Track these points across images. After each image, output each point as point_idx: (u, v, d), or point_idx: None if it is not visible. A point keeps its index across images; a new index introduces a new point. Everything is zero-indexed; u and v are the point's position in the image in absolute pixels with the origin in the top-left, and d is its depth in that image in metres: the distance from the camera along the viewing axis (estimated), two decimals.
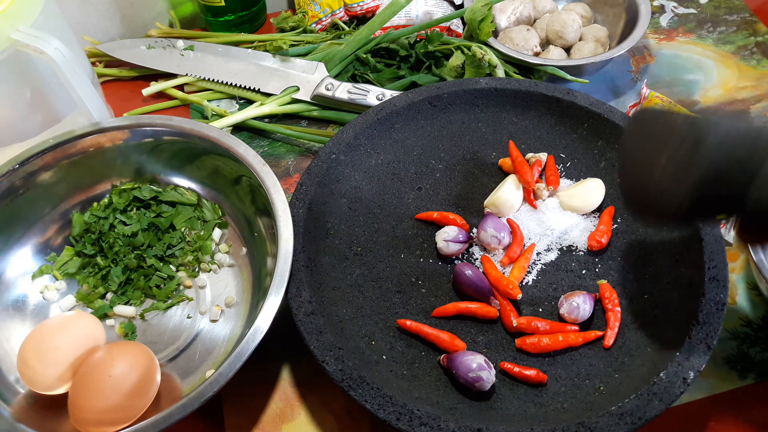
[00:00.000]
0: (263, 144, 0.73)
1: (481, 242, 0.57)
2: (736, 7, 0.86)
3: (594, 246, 0.57)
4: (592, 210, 0.59)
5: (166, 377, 0.53)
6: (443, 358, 0.50)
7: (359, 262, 0.57)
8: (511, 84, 0.65)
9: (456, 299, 0.55)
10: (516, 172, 0.60)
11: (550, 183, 0.61)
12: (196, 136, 0.60)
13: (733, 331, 0.57)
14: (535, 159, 0.62)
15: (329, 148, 0.60)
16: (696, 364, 0.46)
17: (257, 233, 0.59)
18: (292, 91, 0.74)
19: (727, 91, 0.76)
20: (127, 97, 0.78)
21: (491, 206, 0.60)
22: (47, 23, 0.59)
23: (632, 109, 0.70)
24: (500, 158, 0.64)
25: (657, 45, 0.82)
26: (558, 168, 0.63)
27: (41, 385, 0.50)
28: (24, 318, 0.57)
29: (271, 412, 0.54)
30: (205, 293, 0.59)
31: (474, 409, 0.48)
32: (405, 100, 0.64)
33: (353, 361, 0.48)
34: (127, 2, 0.81)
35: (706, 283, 0.50)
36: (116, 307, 0.58)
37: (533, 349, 0.51)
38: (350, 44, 0.75)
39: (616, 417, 0.44)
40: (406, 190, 0.62)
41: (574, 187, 0.60)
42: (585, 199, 0.59)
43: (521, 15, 0.80)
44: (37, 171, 0.59)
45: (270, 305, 0.49)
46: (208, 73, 0.76)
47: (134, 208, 0.63)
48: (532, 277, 0.56)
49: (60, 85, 0.59)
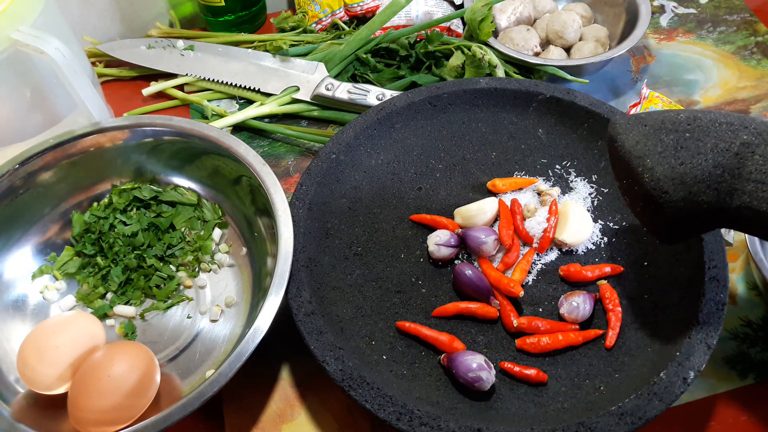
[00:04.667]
0: (263, 144, 0.73)
1: (471, 250, 0.57)
2: (736, 7, 0.86)
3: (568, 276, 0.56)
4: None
5: (166, 377, 0.53)
6: (443, 357, 0.50)
7: (359, 262, 0.57)
8: (511, 84, 0.65)
9: (456, 299, 0.55)
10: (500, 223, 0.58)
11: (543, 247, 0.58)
12: (196, 136, 0.60)
13: (733, 331, 0.57)
14: (550, 199, 0.59)
15: (329, 148, 0.60)
16: (696, 364, 0.46)
17: (257, 233, 0.59)
18: (292, 91, 0.74)
19: (727, 91, 0.76)
20: (127, 97, 0.78)
21: (457, 216, 0.59)
22: (47, 23, 0.59)
23: (632, 110, 0.70)
24: (500, 158, 0.64)
25: (657, 45, 0.82)
26: (557, 168, 0.63)
27: (41, 385, 0.50)
28: (24, 318, 0.57)
29: (271, 412, 0.54)
30: (205, 293, 0.59)
31: (474, 409, 0.48)
32: (405, 100, 0.64)
33: (353, 361, 0.48)
34: (127, 2, 0.81)
35: (706, 283, 0.50)
36: (116, 307, 0.58)
37: (533, 348, 0.51)
38: (350, 44, 0.75)
39: (616, 417, 0.44)
40: (406, 190, 0.62)
41: (563, 224, 0.57)
42: (575, 233, 0.57)
43: (521, 15, 0.80)
44: (37, 171, 0.59)
45: (270, 305, 0.49)
46: (208, 73, 0.76)
47: (134, 208, 0.63)
48: (532, 277, 0.56)
49: (60, 85, 0.59)
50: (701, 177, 0.42)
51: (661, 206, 0.43)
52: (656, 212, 0.44)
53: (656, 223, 0.46)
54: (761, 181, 0.41)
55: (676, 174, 0.42)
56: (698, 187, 0.42)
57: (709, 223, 0.44)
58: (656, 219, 0.45)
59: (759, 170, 0.41)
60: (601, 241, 0.58)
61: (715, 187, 0.42)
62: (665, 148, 0.43)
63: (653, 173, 0.43)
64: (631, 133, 0.45)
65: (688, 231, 0.45)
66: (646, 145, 0.44)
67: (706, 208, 0.43)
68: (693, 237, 0.47)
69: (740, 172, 0.42)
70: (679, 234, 0.46)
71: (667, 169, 0.42)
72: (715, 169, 0.42)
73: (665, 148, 0.43)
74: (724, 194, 0.42)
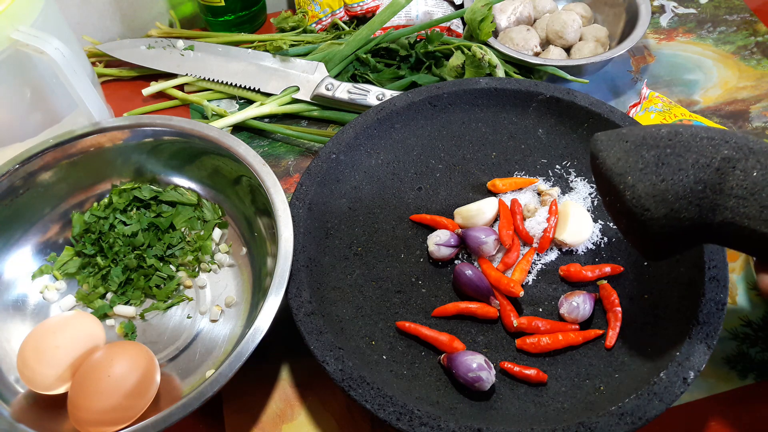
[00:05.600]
0: (263, 144, 0.73)
1: (471, 250, 0.57)
2: (736, 7, 0.86)
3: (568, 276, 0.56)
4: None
5: (166, 377, 0.53)
6: (443, 358, 0.50)
7: (359, 262, 0.57)
8: (511, 84, 0.65)
9: (456, 299, 0.55)
10: (501, 223, 0.58)
11: (543, 247, 0.58)
12: (196, 136, 0.60)
13: (733, 331, 0.57)
14: (550, 199, 0.59)
15: (329, 148, 0.60)
16: (696, 364, 0.46)
17: (257, 233, 0.59)
18: (292, 91, 0.74)
19: (727, 91, 0.76)
20: (127, 97, 0.78)
21: (457, 216, 0.59)
22: (47, 23, 0.59)
23: (632, 109, 0.70)
24: (500, 158, 0.64)
25: (657, 45, 0.82)
26: (557, 168, 0.63)
27: (41, 385, 0.50)
28: (24, 318, 0.57)
29: (271, 412, 0.54)
30: (205, 293, 0.59)
31: (474, 409, 0.48)
32: (405, 100, 0.64)
33: (353, 361, 0.48)
34: (127, 2, 0.81)
35: (706, 283, 0.50)
36: (116, 307, 0.58)
37: (533, 348, 0.51)
38: (350, 44, 0.75)
39: (617, 417, 0.44)
40: (406, 190, 0.62)
41: (563, 224, 0.57)
42: (575, 233, 0.57)
43: (521, 15, 0.80)
44: (37, 171, 0.59)
45: (270, 305, 0.49)
46: (208, 73, 0.76)
47: (134, 208, 0.63)
48: (532, 277, 0.56)
49: (60, 85, 0.59)
50: (683, 193, 0.42)
51: (643, 223, 0.43)
52: (639, 229, 0.44)
53: (640, 240, 0.45)
54: (742, 197, 0.41)
55: (657, 191, 0.42)
56: (680, 203, 0.42)
57: (692, 239, 0.44)
58: (639, 236, 0.45)
59: (740, 185, 0.41)
60: (601, 241, 0.58)
61: (697, 203, 0.42)
62: (646, 165, 0.43)
63: (635, 191, 0.43)
64: (612, 150, 0.44)
65: (671, 247, 0.45)
66: (627, 161, 0.43)
67: (689, 224, 0.42)
68: (677, 254, 0.46)
69: (722, 188, 0.41)
70: (663, 250, 0.45)
71: (649, 186, 0.42)
72: (696, 185, 0.41)
73: (646, 164, 0.43)
74: (706, 210, 0.42)
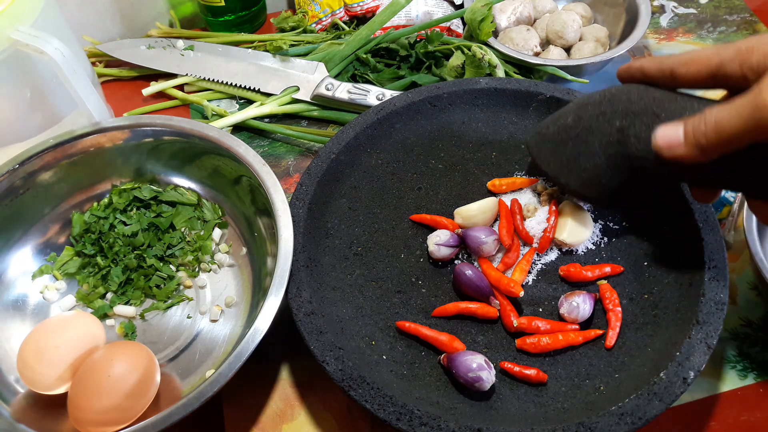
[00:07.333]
0: (263, 144, 0.73)
1: (471, 250, 0.57)
2: (736, 7, 0.86)
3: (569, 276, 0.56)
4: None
5: (166, 377, 0.53)
6: (443, 358, 0.50)
7: (359, 262, 0.57)
8: (511, 84, 0.65)
9: (456, 299, 0.55)
10: (500, 223, 0.58)
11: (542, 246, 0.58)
12: (196, 136, 0.60)
13: (733, 331, 0.57)
14: (550, 199, 0.58)
15: (329, 148, 0.60)
16: (696, 364, 0.46)
17: (257, 233, 0.59)
18: (292, 91, 0.74)
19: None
20: (127, 97, 0.78)
21: (457, 216, 0.59)
22: (47, 23, 0.59)
23: None
24: (500, 158, 0.64)
25: (657, 45, 0.82)
26: None
27: (41, 385, 0.50)
28: (24, 318, 0.57)
29: (271, 412, 0.54)
30: (205, 293, 0.59)
31: (474, 409, 0.48)
32: (405, 100, 0.64)
33: (353, 361, 0.48)
34: (127, 2, 0.81)
35: (706, 283, 0.50)
36: (116, 307, 0.58)
37: (533, 348, 0.51)
38: (350, 44, 0.75)
39: (617, 417, 0.44)
40: (406, 190, 0.62)
41: (563, 224, 0.57)
42: (575, 234, 0.57)
43: (521, 15, 0.80)
44: (37, 171, 0.59)
45: (270, 305, 0.49)
46: (208, 73, 0.76)
47: (134, 208, 0.63)
48: (532, 277, 0.56)
49: (60, 85, 0.59)
50: (604, 171, 0.50)
51: (588, 198, 0.54)
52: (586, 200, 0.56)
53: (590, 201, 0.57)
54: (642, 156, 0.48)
55: (585, 181, 0.52)
56: (606, 178, 0.50)
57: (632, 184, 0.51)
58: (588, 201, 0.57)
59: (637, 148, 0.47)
60: (601, 241, 0.58)
61: (618, 169, 0.50)
62: (569, 161, 0.52)
63: (569, 186, 0.53)
64: (541, 153, 0.54)
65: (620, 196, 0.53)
66: (554, 163, 0.53)
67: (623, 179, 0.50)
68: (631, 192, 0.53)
69: (628, 153, 0.48)
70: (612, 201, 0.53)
71: (578, 180, 0.52)
72: (609, 160, 0.49)
73: (568, 160, 0.52)
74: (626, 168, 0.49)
